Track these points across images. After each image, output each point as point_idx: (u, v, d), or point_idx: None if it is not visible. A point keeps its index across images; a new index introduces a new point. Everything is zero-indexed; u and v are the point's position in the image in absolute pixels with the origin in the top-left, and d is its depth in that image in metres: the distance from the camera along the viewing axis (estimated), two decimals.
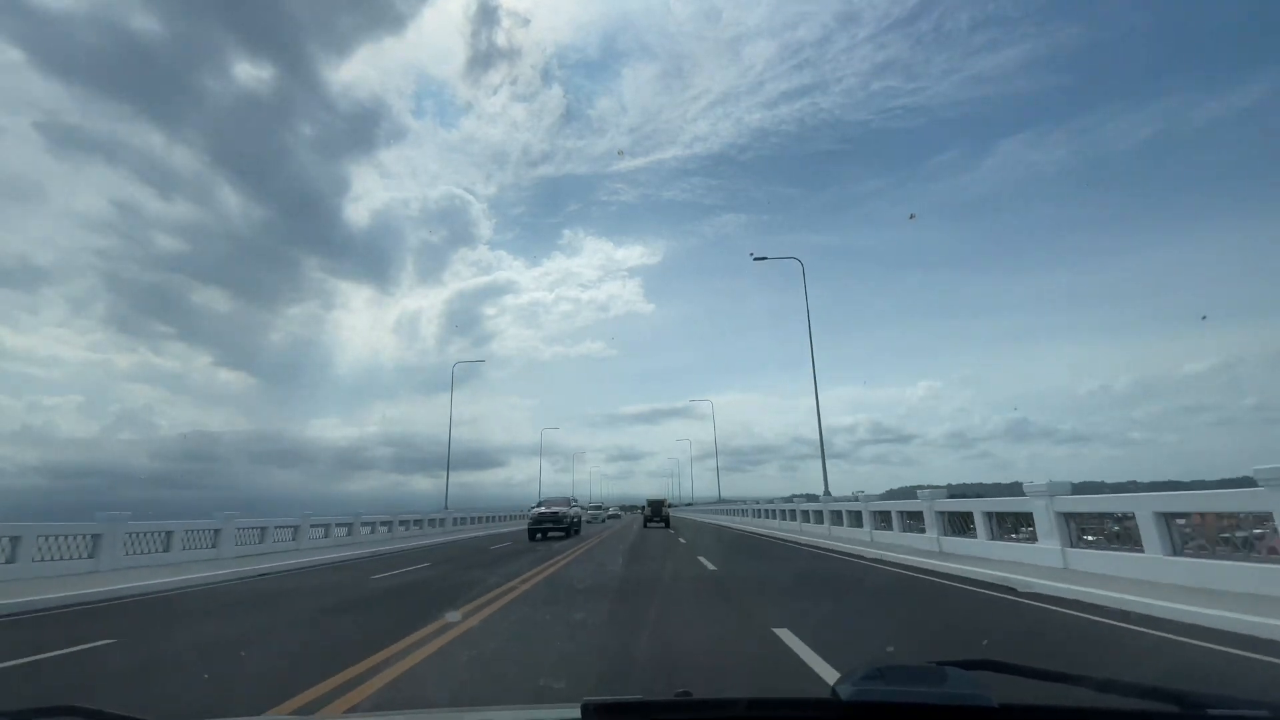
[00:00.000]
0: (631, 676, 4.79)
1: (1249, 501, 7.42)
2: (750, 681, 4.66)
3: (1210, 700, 1.04)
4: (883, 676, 1.14)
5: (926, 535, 14.75)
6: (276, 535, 18.76)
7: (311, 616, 8.21)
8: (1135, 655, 5.43)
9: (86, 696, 4.57)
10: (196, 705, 4.33)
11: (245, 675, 5.25)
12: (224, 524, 16.29)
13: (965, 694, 1.05)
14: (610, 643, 5.92)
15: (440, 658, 5.43)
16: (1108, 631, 6.19)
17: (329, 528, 22.10)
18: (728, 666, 5.14)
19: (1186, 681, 4.59)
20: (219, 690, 4.74)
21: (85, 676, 5.28)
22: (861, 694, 1.09)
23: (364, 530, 24.51)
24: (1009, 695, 1.03)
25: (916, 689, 1.10)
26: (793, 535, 24.48)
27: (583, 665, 5.06)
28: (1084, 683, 1.14)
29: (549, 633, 6.37)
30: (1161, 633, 5.97)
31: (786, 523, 28.93)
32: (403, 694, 4.34)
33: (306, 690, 4.42)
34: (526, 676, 4.76)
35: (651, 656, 5.34)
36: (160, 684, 5.00)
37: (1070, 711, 1.08)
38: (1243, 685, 4.45)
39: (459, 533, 31.92)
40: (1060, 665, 1.61)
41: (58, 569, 11.88)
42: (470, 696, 4.36)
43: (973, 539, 13.05)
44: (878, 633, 6.54)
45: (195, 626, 7.78)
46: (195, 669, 5.44)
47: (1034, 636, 6.22)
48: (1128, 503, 9.20)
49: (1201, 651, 5.31)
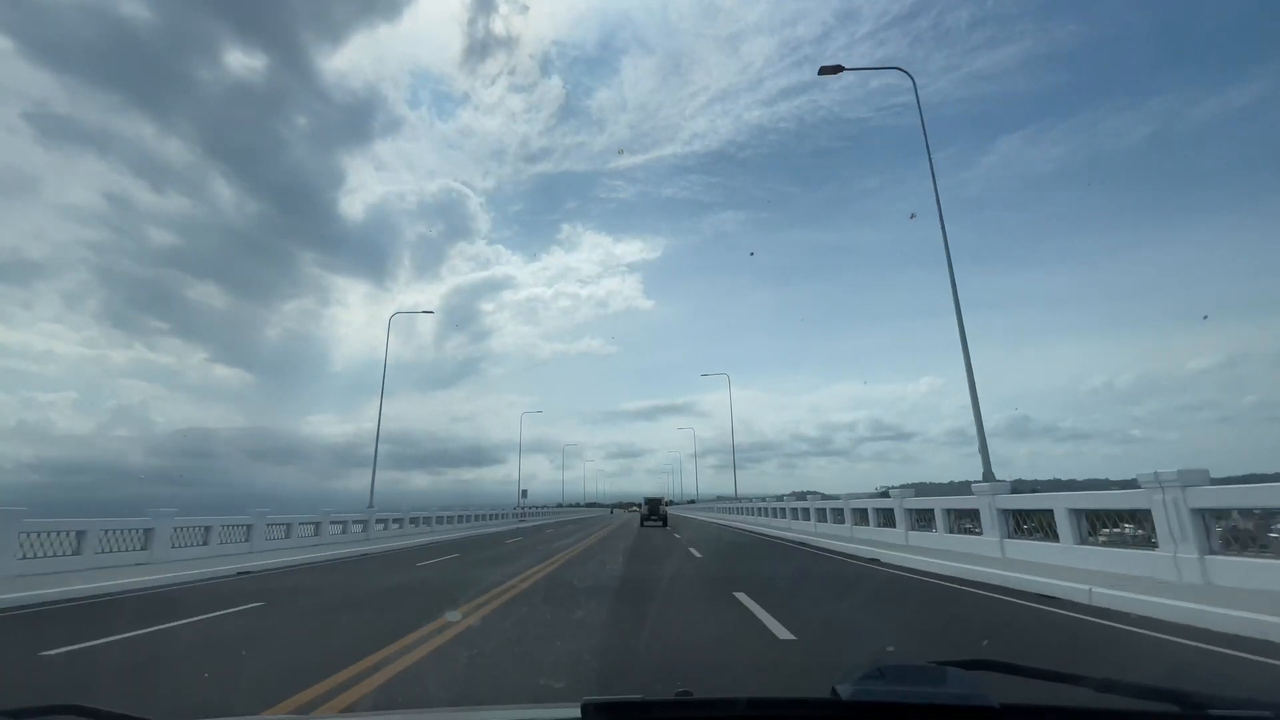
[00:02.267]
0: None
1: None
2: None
3: (1211, 700, 1.04)
4: (883, 676, 1.15)
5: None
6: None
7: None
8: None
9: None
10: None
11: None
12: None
13: (966, 694, 1.06)
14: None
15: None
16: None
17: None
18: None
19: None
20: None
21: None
22: (861, 693, 1.09)
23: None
24: (1009, 695, 1.04)
25: (916, 689, 1.11)
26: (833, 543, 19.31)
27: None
28: (1084, 683, 1.14)
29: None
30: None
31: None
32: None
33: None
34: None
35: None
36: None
37: (1071, 711, 1.08)
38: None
39: (384, 541, 23.56)
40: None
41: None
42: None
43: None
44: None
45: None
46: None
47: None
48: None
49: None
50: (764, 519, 33.39)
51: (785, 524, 28.11)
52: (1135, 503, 8.97)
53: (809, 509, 24.59)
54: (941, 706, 1.07)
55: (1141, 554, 8.69)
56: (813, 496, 25.42)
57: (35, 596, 9.32)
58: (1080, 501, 10.14)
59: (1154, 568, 8.36)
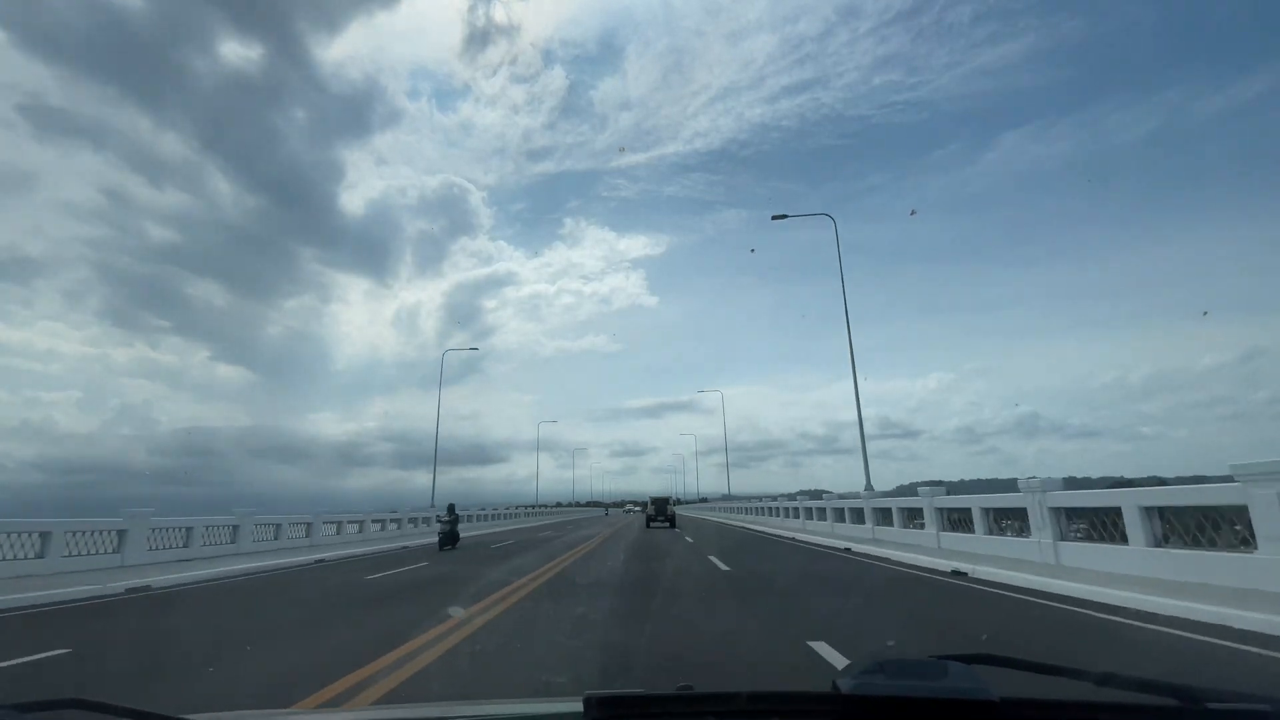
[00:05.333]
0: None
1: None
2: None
3: (1210, 694, 1.04)
4: (883, 670, 1.13)
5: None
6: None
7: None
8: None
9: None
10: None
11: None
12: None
13: (966, 687, 1.05)
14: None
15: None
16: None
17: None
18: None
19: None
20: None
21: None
22: (862, 687, 1.09)
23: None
24: (1009, 689, 1.03)
25: (917, 682, 1.10)
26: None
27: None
28: (1084, 676, 1.14)
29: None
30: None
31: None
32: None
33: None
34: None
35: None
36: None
37: (1071, 705, 1.07)
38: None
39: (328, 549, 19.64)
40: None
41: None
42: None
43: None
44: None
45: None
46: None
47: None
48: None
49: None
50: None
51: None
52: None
53: (863, 509, 23.53)
54: (942, 700, 1.05)
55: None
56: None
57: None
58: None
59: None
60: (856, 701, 1.07)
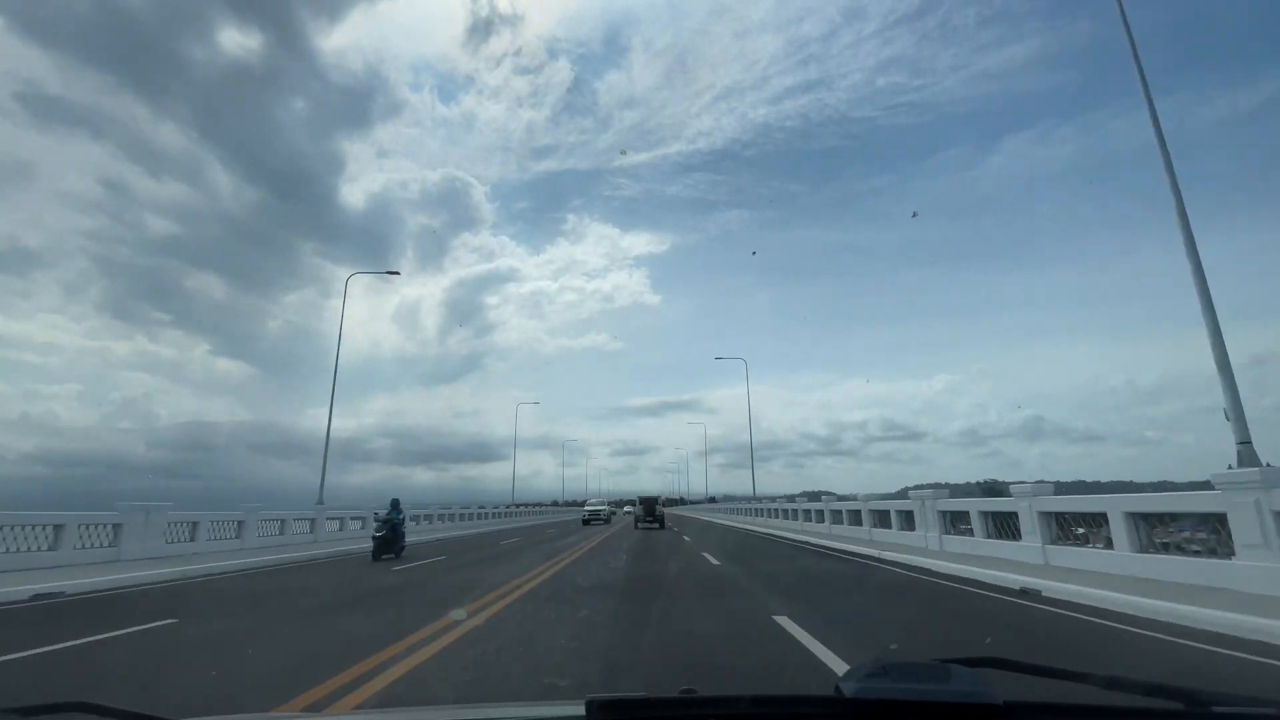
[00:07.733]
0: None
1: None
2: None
3: (1215, 698, 1.03)
4: (887, 674, 1.13)
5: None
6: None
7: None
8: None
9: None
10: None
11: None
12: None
13: (970, 691, 1.04)
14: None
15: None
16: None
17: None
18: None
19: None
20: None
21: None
22: (866, 691, 1.08)
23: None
24: (1013, 693, 1.03)
25: (921, 686, 1.09)
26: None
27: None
28: (1089, 680, 1.14)
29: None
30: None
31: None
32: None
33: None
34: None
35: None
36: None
37: (1076, 709, 1.07)
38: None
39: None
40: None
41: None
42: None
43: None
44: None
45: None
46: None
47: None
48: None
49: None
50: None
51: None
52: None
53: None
54: (946, 704, 1.04)
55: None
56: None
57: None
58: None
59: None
60: (860, 705, 1.07)
